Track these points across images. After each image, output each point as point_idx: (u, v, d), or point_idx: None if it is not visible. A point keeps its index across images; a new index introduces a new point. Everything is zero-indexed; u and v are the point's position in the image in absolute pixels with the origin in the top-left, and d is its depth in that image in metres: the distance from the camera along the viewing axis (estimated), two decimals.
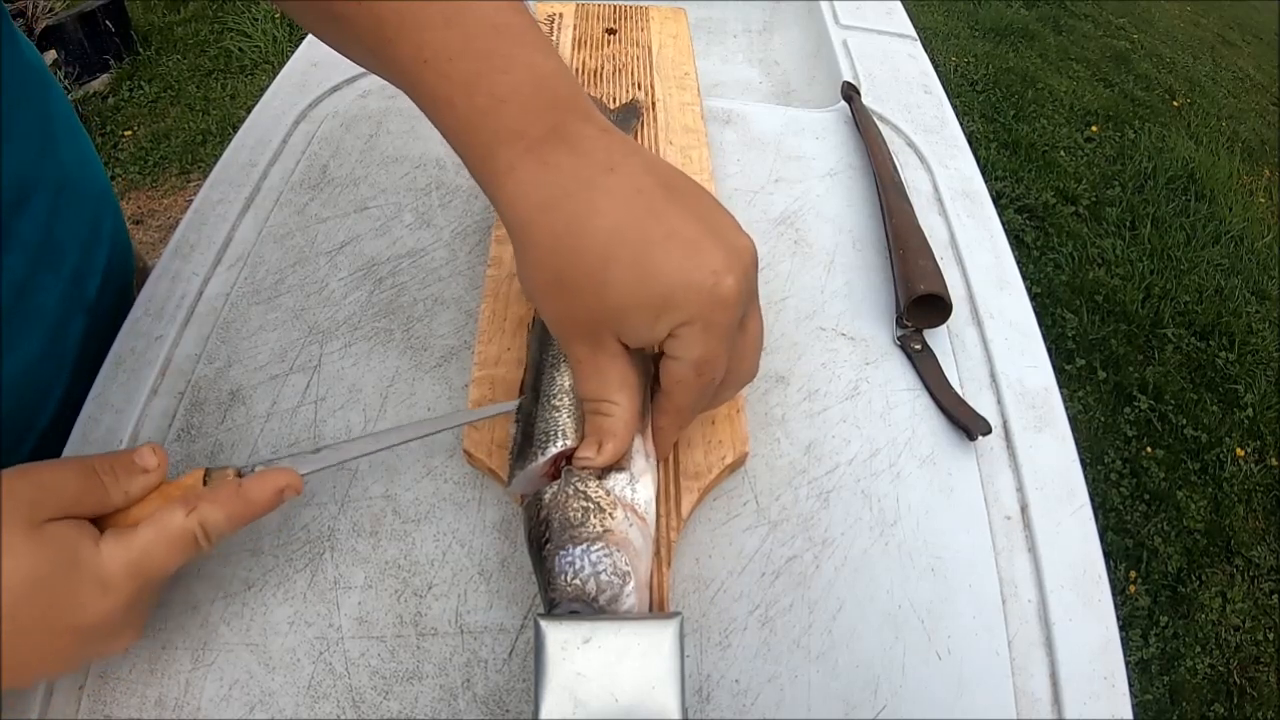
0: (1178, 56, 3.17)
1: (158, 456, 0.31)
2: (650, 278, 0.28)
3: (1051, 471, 0.41)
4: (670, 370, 0.31)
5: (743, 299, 0.29)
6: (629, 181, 0.29)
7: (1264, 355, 1.88)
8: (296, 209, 0.51)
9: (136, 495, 0.30)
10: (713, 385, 0.32)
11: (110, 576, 0.27)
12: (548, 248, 0.29)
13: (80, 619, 0.27)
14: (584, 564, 0.30)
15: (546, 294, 0.31)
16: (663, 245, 0.28)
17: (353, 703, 0.32)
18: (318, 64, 0.63)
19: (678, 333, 0.29)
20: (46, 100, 0.46)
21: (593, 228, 0.29)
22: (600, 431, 0.32)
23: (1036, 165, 2.33)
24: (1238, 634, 1.40)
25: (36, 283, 0.43)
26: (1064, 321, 1.86)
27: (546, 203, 0.29)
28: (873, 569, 0.37)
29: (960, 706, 0.33)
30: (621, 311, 0.29)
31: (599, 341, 0.31)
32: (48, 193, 0.44)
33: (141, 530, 0.28)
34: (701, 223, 0.29)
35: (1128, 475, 1.59)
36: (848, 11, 0.74)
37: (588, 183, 0.29)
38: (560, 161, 0.29)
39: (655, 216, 0.29)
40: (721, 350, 0.30)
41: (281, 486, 0.31)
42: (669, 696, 0.27)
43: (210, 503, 0.29)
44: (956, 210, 0.54)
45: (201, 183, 0.57)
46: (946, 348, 0.46)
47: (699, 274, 0.28)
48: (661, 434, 0.34)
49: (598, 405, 0.32)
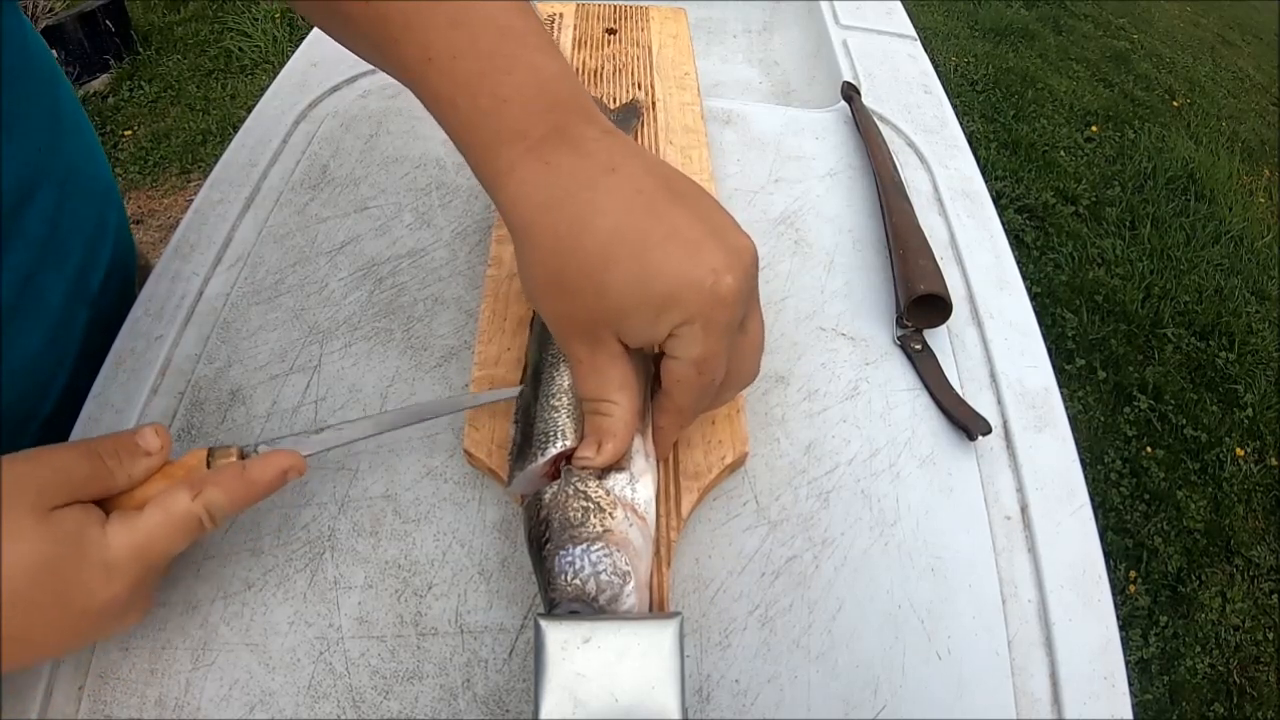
0: (1178, 56, 3.17)
1: (161, 438, 0.31)
2: (651, 277, 0.28)
3: (1051, 471, 0.41)
4: (671, 370, 0.31)
5: (743, 298, 0.30)
6: (630, 182, 0.30)
7: (1264, 355, 1.88)
8: (296, 209, 0.51)
9: (140, 477, 0.31)
10: (713, 385, 0.32)
11: (117, 561, 0.28)
12: (548, 247, 0.29)
13: (88, 602, 0.27)
14: (584, 564, 0.30)
15: (546, 293, 0.31)
16: (663, 245, 0.29)
17: (353, 703, 0.32)
18: (318, 64, 0.63)
19: (678, 332, 0.29)
20: (55, 94, 0.46)
21: (594, 227, 0.29)
22: (600, 431, 0.32)
23: (1036, 165, 2.33)
24: (1238, 634, 1.40)
25: (41, 278, 0.43)
26: (1064, 321, 1.86)
27: (548, 203, 0.29)
28: (873, 569, 0.37)
29: (960, 706, 0.33)
30: (622, 311, 0.29)
31: (599, 341, 0.31)
32: (54, 187, 0.44)
33: (147, 514, 0.29)
34: (702, 223, 0.30)
35: (1128, 475, 1.59)
36: (848, 11, 0.74)
37: (589, 183, 0.29)
38: (562, 162, 0.30)
39: (656, 217, 0.29)
40: (722, 349, 0.30)
41: (285, 468, 0.32)
42: (669, 696, 0.27)
43: (215, 486, 0.30)
44: (956, 210, 0.54)
45: (201, 183, 0.57)
46: (946, 348, 0.46)
47: (699, 273, 0.28)
48: (662, 434, 0.35)
49: (597, 405, 0.32)
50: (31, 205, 0.42)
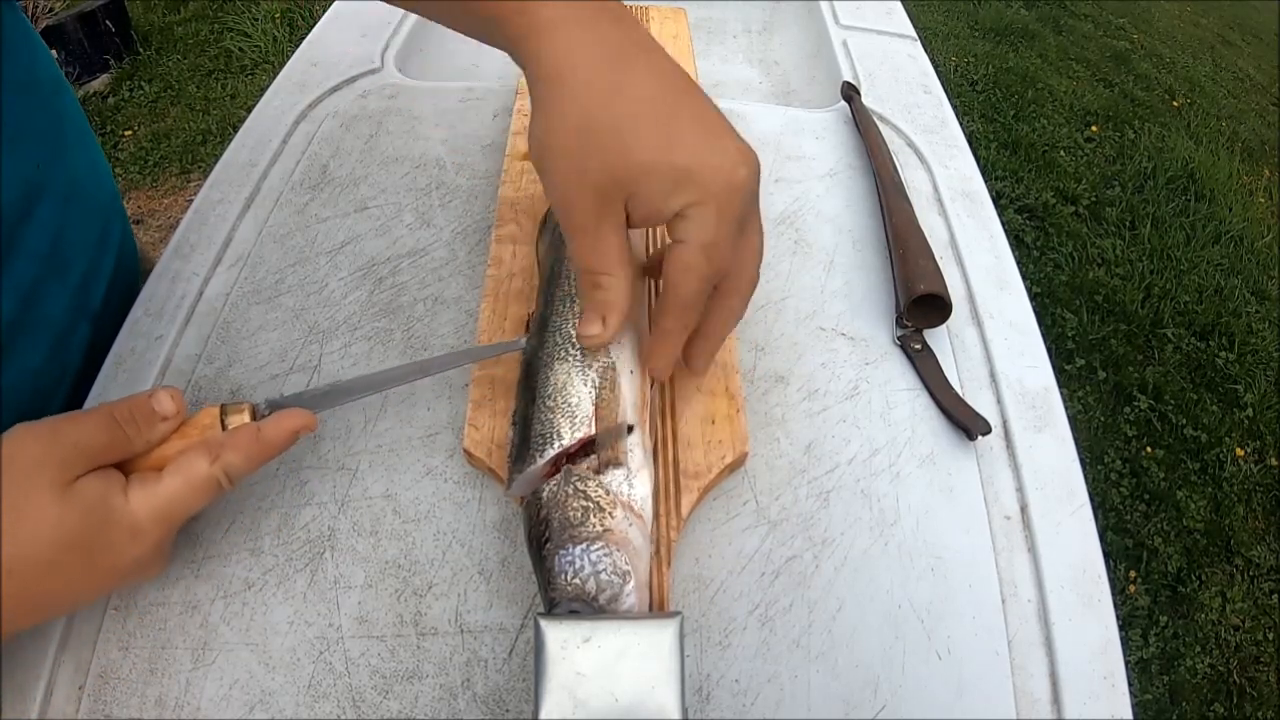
0: (1178, 56, 3.17)
1: (175, 402, 0.32)
2: (675, 146, 0.30)
3: (1051, 471, 0.41)
4: (678, 257, 0.32)
5: (752, 194, 0.32)
6: (663, 64, 0.32)
7: (1264, 355, 1.88)
8: (296, 209, 0.51)
9: (157, 441, 0.32)
10: (715, 278, 0.33)
11: (140, 524, 0.29)
12: (581, 99, 0.30)
13: (114, 562, 0.29)
14: (584, 563, 0.30)
15: (567, 149, 0.31)
16: (690, 125, 0.31)
17: (353, 702, 0.32)
18: (318, 64, 0.63)
19: (689, 212, 0.30)
20: (58, 106, 0.46)
21: (629, 91, 0.30)
22: (600, 306, 0.33)
23: (1036, 165, 2.33)
24: (1238, 634, 1.40)
25: (43, 291, 0.43)
26: (1064, 321, 1.86)
27: (589, 60, 0.31)
28: (873, 569, 0.37)
29: (960, 706, 0.33)
30: (642, 170, 0.30)
31: (606, 207, 0.31)
32: (56, 200, 0.44)
33: (167, 479, 0.30)
34: (721, 121, 0.32)
35: (1128, 475, 1.59)
36: (848, 11, 0.74)
37: (628, 54, 0.31)
38: (605, 29, 0.31)
39: (684, 101, 0.31)
40: (728, 239, 0.31)
41: (297, 427, 0.33)
42: (669, 696, 0.27)
43: (232, 449, 0.31)
44: (956, 210, 0.54)
45: (201, 183, 0.57)
46: (946, 348, 0.46)
47: (719, 158, 0.30)
48: (665, 339, 0.34)
49: (596, 278, 0.33)
50: (33, 219, 0.42)
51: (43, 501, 0.28)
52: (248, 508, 0.37)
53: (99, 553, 0.29)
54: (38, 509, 0.27)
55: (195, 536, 0.36)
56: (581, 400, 0.34)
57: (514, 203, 0.49)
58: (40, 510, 0.27)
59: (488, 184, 0.53)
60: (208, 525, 0.37)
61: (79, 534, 0.28)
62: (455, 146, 0.56)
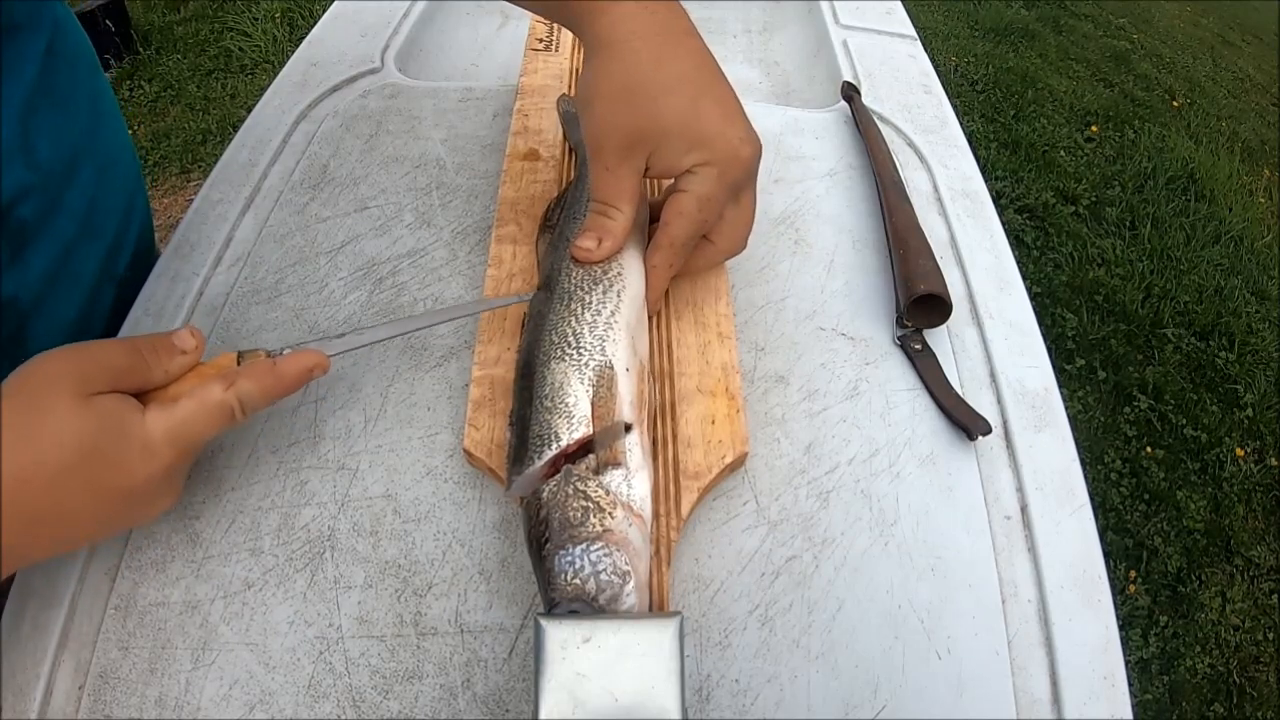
0: (1178, 56, 3.17)
1: (195, 339, 0.34)
2: (697, 118, 0.36)
3: (1051, 471, 0.41)
4: (676, 201, 0.38)
5: (751, 169, 0.38)
6: (700, 50, 0.39)
7: (1264, 355, 1.88)
8: (296, 209, 0.51)
9: (175, 374, 0.33)
10: (704, 228, 0.39)
11: (154, 442, 0.30)
12: (630, 64, 0.36)
13: (126, 481, 0.30)
14: (584, 563, 0.30)
15: (612, 99, 0.37)
16: (712, 103, 0.37)
17: (353, 702, 0.32)
18: (318, 64, 0.63)
19: (696, 169, 0.37)
20: (96, 82, 0.49)
21: (670, 66, 0.37)
22: (602, 229, 0.38)
23: (1036, 165, 2.32)
24: (1238, 634, 1.40)
25: (80, 249, 0.46)
26: (1064, 321, 1.86)
27: (642, 32, 0.37)
28: (872, 569, 0.37)
29: (960, 706, 0.33)
30: (666, 132, 0.36)
31: (631, 153, 0.37)
32: (94, 167, 0.47)
33: (183, 402, 0.31)
34: (738, 107, 0.38)
35: (1128, 475, 1.59)
36: (848, 11, 0.74)
37: (674, 36, 0.38)
38: (659, 11, 0.38)
39: (713, 82, 0.38)
40: (722, 197, 0.38)
41: (310, 365, 0.35)
42: (669, 696, 0.27)
43: (247, 379, 0.33)
44: (956, 210, 0.54)
45: (201, 183, 0.57)
46: (946, 348, 0.46)
47: (731, 134, 0.37)
48: (655, 273, 0.40)
49: (606, 209, 0.38)
50: (75, 182, 0.45)
51: (62, 408, 0.29)
52: (248, 508, 0.37)
53: (113, 465, 0.29)
54: (57, 416, 0.28)
55: (195, 536, 0.36)
56: (579, 400, 0.34)
57: (514, 203, 0.49)
58: (60, 417, 0.28)
59: (488, 184, 0.53)
60: (208, 525, 0.37)
61: (95, 441, 0.29)
62: (455, 146, 0.56)
